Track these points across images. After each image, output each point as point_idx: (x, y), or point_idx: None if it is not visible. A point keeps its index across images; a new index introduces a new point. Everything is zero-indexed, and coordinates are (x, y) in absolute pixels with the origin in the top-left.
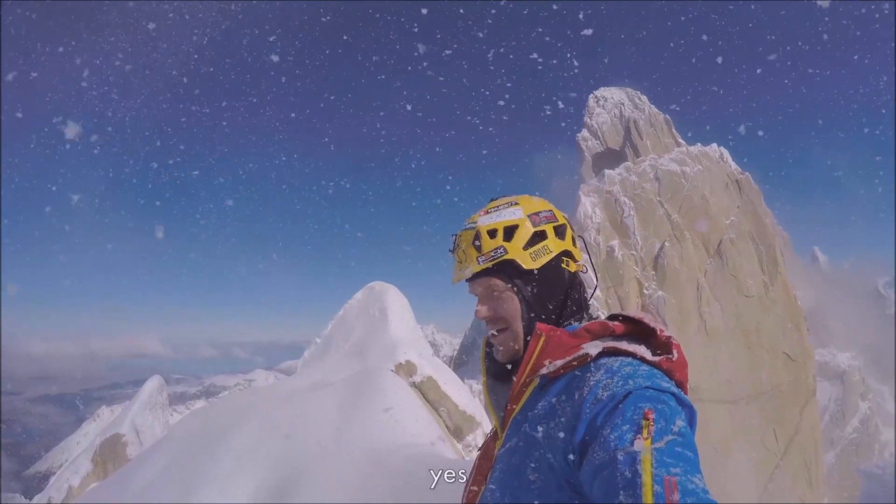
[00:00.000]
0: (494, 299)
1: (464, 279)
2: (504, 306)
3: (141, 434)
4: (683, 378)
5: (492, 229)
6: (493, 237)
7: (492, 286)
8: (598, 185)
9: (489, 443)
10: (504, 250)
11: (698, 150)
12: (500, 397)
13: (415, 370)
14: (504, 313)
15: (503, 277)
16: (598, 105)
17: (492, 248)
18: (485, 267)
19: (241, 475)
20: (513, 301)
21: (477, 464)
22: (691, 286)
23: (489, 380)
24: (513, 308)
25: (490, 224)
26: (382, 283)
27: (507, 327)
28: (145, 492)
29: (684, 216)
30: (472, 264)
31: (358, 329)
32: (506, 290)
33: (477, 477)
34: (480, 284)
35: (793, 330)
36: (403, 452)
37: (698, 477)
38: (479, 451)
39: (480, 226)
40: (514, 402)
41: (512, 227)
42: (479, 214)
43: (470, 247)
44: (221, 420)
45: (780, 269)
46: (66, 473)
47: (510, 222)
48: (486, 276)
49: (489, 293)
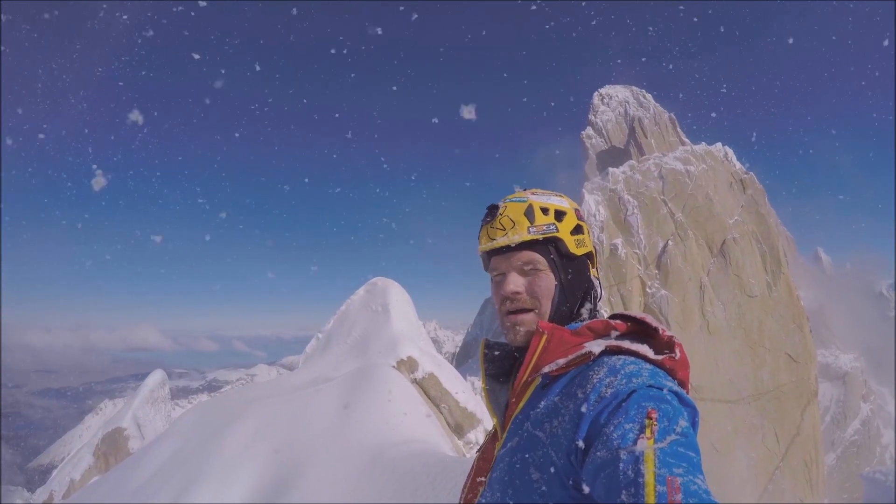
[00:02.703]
0: (532, 275)
1: (499, 246)
2: (541, 283)
3: (143, 428)
4: (685, 377)
5: (544, 207)
6: (545, 214)
7: (534, 261)
8: (602, 183)
9: (488, 444)
10: (556, 228)
11: (703, 148)
12: (499, 398)
13: (416, 366)
14: (539, 291)
15: (546, 256)
16: (603, 103)
17: (544, 223)
18: (534, 238)
19: (242, 470)
20: (550, 280)
21: (476, 465)
22: (694, 285)
23: (488, 381)
24: (548, 287)
25: (542, 202)
26: (385, 278)
27: (532, 309)
28: (146, 486)
29: (688, 215)
30: (523, 232)
31: (360, 325)
32: (546, 268)
33: (476, 477)
34: (519, 258)
35: (795, 330)
36: (403, 449)
37: (700, 478)
38: (478, 453)
39: (533, 201)
40: (515, 401)
41: (562, 212)
42: (525, 193)
43: (521, 216)
44: (223, 415)
45: (783, 270)
46: (68, 467)
47: (560, 207)
48: (529, 251)
49: (526, 268)
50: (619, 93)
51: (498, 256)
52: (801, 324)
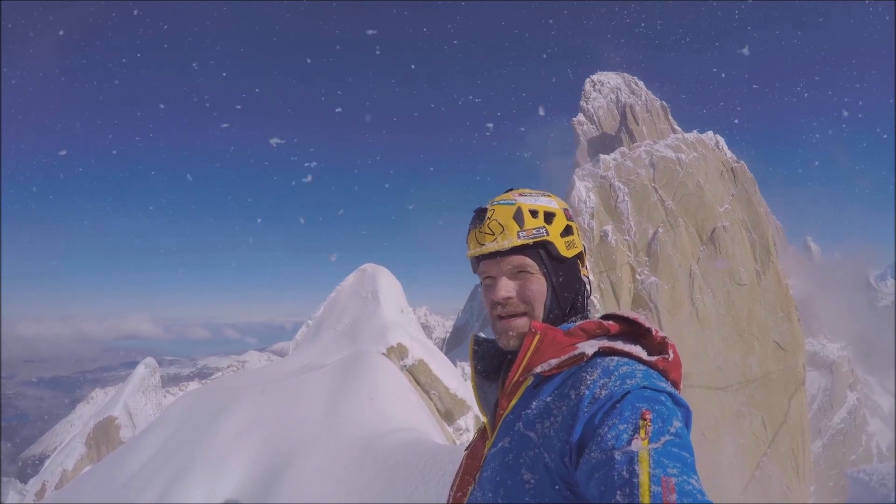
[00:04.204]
0: (523, 279)
1: (489, 251)
2: (532, 287)
3: (134, 416)
4: (678, 378)
5: (533, 210)
6: (534, 217)
7: (524, 265)
8: (593, 170)
9: (478, 441)
10: (546, 231)
11: (694, 137)
12: (488, 396)
13: (406, 353)
14: (531, 295)
15: (536, 259)
16: (595, 89)
17: (534, 226)
18: (524, 243)
19: (234, 458)
20: (541, 284)
21: (464, 463)
22: (684, 273)
23: (477, 378)
24: (540, 291)
25: (531, 204)
26: (374, 265)
27: (524, 312)
28: (138, 476)
29: (678, 203)
30: (512, 237)
31: (350, 311)
32: (537, 271)
33: (465, 477)
34: (510, 262)
35: (784, 319)
36: (393, 438)
37: (695, 478)
38: (467, 451)
39: (522, 203)
40: (506, 400)
41: (551, 214)
42: (513, 195)
43: (510, 220)
44: (214, 402)
45: (772, 259)
46: (60, 457)
47: (549, 208)
48: (520, 255)
49: (517, 272)
50: (610, 79)
51: (487, 261)
52: (790, 312)
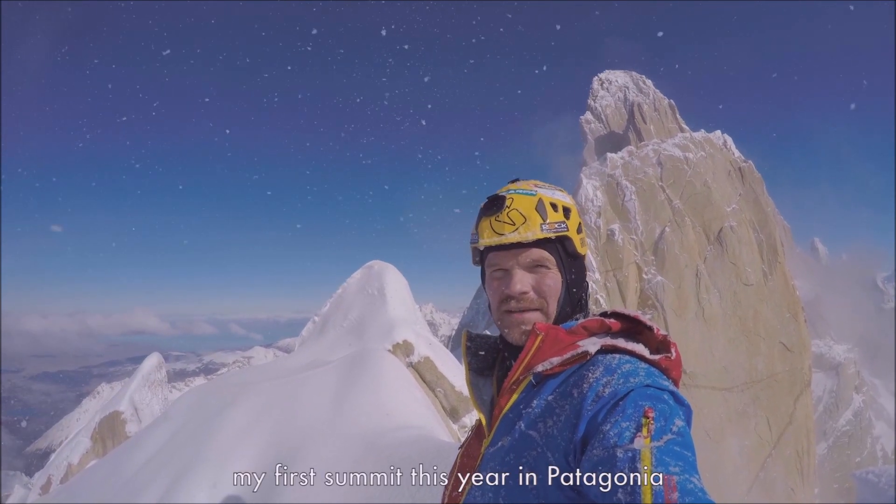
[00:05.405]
0: (540, 273)
1: (509, 242)
2: (548, 283)
3: (140, 411)
4: (678, 376)
5: (554, 203)
6: (555, 210)
7: (543, 259)
8: (600, 168)
9: (472, 439)
10: (566, 226)
11: (702, 136)
12: (483, 394)
13: (412, 350)
14: (547, 291)
15: (554, 254)
16: (603, 88)
17: (556, 220)
18: (546, 236)
19: (239, 453)
20: (557, 280)
21: (459, 462)
22: (690, 272)
23: (471, 375)
24: (556, 287)
25: (551, 197)
26: (381, 261)
27: (538, 308)
28: (143, 470)
29: (686, 202)
30: (535, 230)
31: (356, 308)
32: (554, 266)
33: (459, 475)
34: (529, 255)
35: (790, 320)
36: (398, 435)
37: (696, 477)
38: (461, 449)
39: (543, 195)
40: (504, 398)
41: (568, 209)
42: (530, 185)
43: (533, 211)
44: (220, 398)
45: (779, 259)
46: (66, 451)
47: (567, 203)
48: (539, 248)
49: (534, 266)
50: (618, 78)
51: (501, 252)
52: (796, 313)
